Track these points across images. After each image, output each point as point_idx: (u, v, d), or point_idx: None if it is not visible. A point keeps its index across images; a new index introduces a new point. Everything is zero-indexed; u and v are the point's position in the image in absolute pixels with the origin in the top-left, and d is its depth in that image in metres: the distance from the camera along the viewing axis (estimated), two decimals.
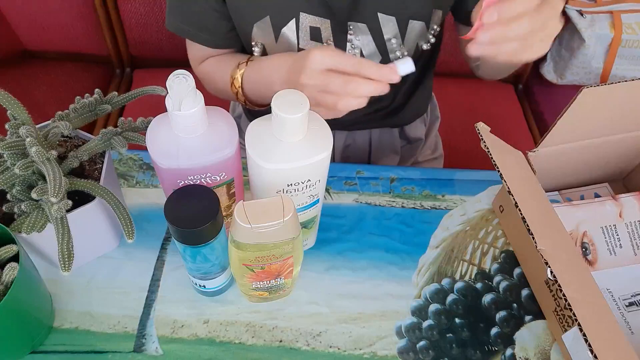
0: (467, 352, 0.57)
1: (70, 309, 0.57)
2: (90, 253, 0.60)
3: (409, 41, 0.70)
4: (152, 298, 0.58)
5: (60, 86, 1.20)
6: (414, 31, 0.69)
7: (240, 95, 0.67)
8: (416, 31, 0.69)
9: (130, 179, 0.69)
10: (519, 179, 0.55)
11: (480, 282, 0.63)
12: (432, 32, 0.71)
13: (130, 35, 1.19)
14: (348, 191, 0.70)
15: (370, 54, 0.71)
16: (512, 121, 1.24)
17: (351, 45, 0.69)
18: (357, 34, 0.68)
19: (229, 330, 0.57)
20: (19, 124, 0.49)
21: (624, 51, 1.16)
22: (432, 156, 0.96)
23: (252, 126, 0.49)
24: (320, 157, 0.48)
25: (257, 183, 0.50)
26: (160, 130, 0.48)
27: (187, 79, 0.43)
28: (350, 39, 0.69)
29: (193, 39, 0.72)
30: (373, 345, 0.57)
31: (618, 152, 0.67)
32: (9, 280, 0.45)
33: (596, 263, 0.63)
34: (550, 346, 0.58)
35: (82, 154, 0.53)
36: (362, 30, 0.68)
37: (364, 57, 0.70)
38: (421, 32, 0.70)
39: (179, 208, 0.46)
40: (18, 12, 1.14)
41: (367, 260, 0.63)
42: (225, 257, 0.53)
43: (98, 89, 0.56)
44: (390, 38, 0.69)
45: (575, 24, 1.16)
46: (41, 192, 0.46)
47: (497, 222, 0.68)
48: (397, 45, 0.70)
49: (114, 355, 0.54)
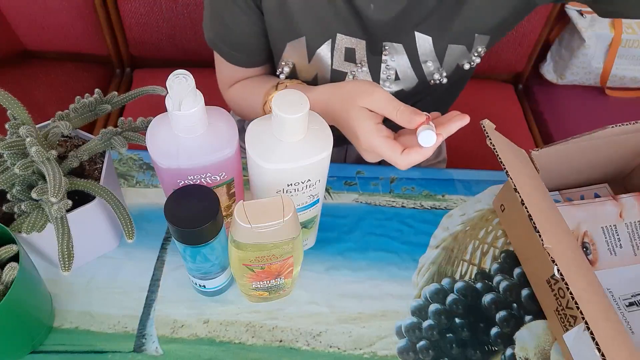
0: (467, 352, 0.57)
1: (70, 309, 0.57)
2: (90, 253, 0.60)
3: (447, 63, 0.68)
4: (152, 298, 0.58)
5: (60, 86, 1.20)
6: (454, 55, 0.67)
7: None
8: (456, 55, 0.67)
9: (130, 179, 0.69)
10: (524, 177, 0.55)
11: (480, 282, 0.63)
12: (475, 54, 0.68)
13: (130, 35, 1.19)
14: (348, 191, 0.70)
15: (406, 76, 0.69)
16: (512, 121, 1.24)
17: (385, 66, 0.67)
18: (392, 54, 0.66)
19: (229, 330, 0.57)
20: (19, 123, 0.49)
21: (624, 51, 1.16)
22: (435, 160, 0.96)
23: (252, 126, 0.49)
24: (320, 157, 0.48)
25: (257, 183, 0.50)
26: (160, 130, 0.48)
27: (187, 79, 0.43)
28: (385, 60, 0.67)
29: (227, 58, 0.70)
30: (373, 345, 0.57)
31: (618, 152, 0.67)
32: (9, 280, 0.45)
33: (596, 263, 0.63)
34: (550, 346, 0.58)
35: (82, 153, 0.53)
36: (398, 50, 0.66)
37: (398, 80, 0.69)
38: (462, 54, 0.67)
39: (179, 208, 0.46)
40: (18, 12, 1.14)
41: (367, 260, 0.63)
42: (225, 257, 0.53)
43: (98, 89, 0.56)
44: (426, 60, 0.67)
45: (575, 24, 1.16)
46: (41, 192, 0.46)
47: (497, 222, 0.68)
48: (435, 68, 0.68)
49: (114, 355, 0.54)
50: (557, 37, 1.25)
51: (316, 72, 0.69)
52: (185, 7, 1.12)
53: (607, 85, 1.23)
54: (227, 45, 0.69)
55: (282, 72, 0.69)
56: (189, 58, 1.21)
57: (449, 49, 0.66)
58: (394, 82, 0.69)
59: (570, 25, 1.19)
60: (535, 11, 1.14)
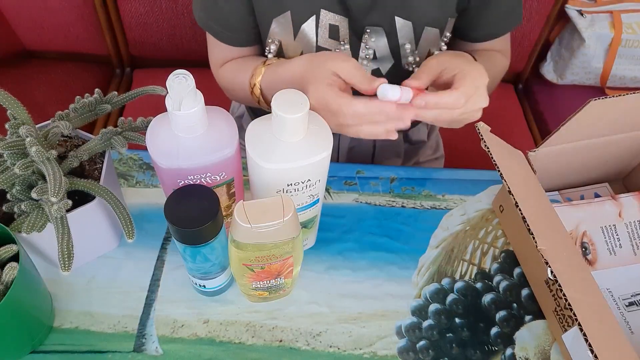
0: (467, 352, 0.57)
1: (70, 309, 0.57)
2: (90, 253, 0.60)
3: (422, 47, 0.70)
4: (152, 298, 0.59)
5: (60, 86, 1.20)
6: (428, 38, 0.69)
7: (263, 103, 0.67)
8: (430, 38, 0.69)
9: (130, 179, 0.69)
10: (519, 178, 0.55)
11: (480, 281, 0.63)
12: (444, 39, 0.71)
13: (130, 35, 1.19)
14: (348, 191, 0.70)
15: (383, 57, 0.71)
16: (512, 121, 1.23)
17: (365, 45, 0.69)
18: (372, 35, 0.68)
19: (229, 330, 0.57)
20: (19, 123, 0.49)
21: (624, 51, 1.16)
22: (433, 156, 0.96)
23: (252, 126, 0.49)
24: (320, 157, 0.48)
25: (257, 183, 0.50)
26: (160, 130, 0.48)
27: (187, 79, 0.43)
28: (365, 40, 0.69)
29: (217, 37, 0.71)
30: (373, 345, 0.57)
31: (618, 152, 0.67)
32: (9, 280, 0.45)
33: (596, 263, 0.63)
34: (550, 346, 0.58)
35: (82, 153, 0.53)
36: (378, 32, 0.68)
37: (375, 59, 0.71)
38: (434, 38, 0.70)
39: (179, 208, 0.46)
40: (18, 12, 1.14)
41: (367, 260, 0.63)
42: (225, 257, 0.53)
43: (98, 89, 0.56)
44: (404, 43, 0.69)
45: (575, 24, 1.16)
46: (41, 192, 0.46)
47: (497, 222, 0.68)
48: (411, 51, 0.70)
49: (114, 355, 0.54)
50: (557, 37, 1.25)
51: (302, 50, 0.70)
52: (185, 7, 1.12)
53: (607, 85, 1.23)
54: (217, 23, 0.70)
55: (270, 52, 0.71)
56: (189, 58, 1.20)
57: (425, 32, 0.68)
58: (371, 61, 0.71)
59: (570, 25, 1.19)
60: (536, 11, 1.14)
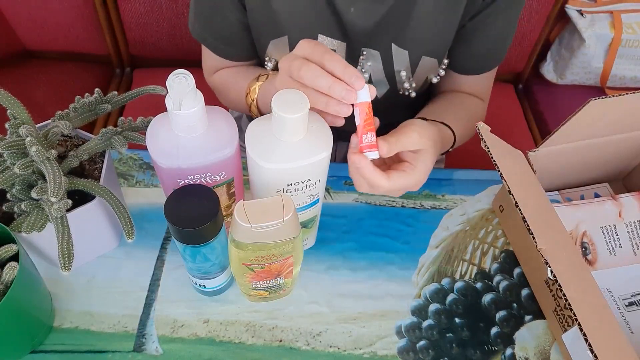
0: (467, 351, 0.57)
1: (70, 309, 0.57)
2: (90, 253, 0.60)
3: (419, 74, 0.70)
4: (152, 298, 0.58)
5: (60, 86, 1.20)
6: (425, 66, 0.69)
7: (254, 107, 0.67)
8: (427, 66, 0.69)
9: (130, 179, 0.69)
10: (519, 178, 0.55)
11: (480, 281, 0.63)
12: (442, 66, 0.71)
13: (130, 35, 1.19)
14: (348, 191, 0.70)
15: (378, 81, 0.71)
16: (512, 121, 1.23)
17: (361, 68, 0.69)
18: (368, 59, 0.68)
19: (229, 329, 0.57)
20: (19, 123, 0.49)
21: (624, 51, 1.16)
22: None
23: (252, 126, 0.49)
24: (320, 157, 0.48)
25: (257, 183, 0.50)
26: (160, 130, 0.48)
27: (187, 79, 0.43)
28: (362, 63, 0.69)
29: (213, 50, 0.71)
30: (373, 345, 0.57)
31: (618, 152, 0.67)
32: (9, 280, 0.45)
33: (596, 263, 0.63)
34: (550, 346, 0.58)
35: (82, 153, 0.53)
36: (375, 57, 0.68)
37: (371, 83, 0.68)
38: (432, 66, 0.70)
39: (179, 208, 0.46)
40: (18, 12, 1.14)
41: (367, 260, 0.63)
42: (225, 257, 0.53)
43: (98, 89, 0.56)
44: (400, 70, 0.69)
45: (575, 24, 1.16)
46: (41, 192, 0.46)
47: (497, 222, 0.68)
48: (407, 78, 0.70)
49: (114, 354, 0.54)
50: (557, 37, 1.25)
51: None
52: (185, 7, 1.12)
53: (607, 85, 1.23)
54: (214, 38, 0.70)
55: (267, 67, 0.71)
56: (189, 58, 1.20)
57: (422, 60, 0.68)
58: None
59: (570, 25, 1.19)
60: (536, 11, 1.14)
